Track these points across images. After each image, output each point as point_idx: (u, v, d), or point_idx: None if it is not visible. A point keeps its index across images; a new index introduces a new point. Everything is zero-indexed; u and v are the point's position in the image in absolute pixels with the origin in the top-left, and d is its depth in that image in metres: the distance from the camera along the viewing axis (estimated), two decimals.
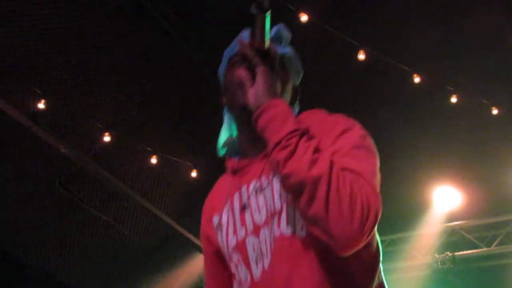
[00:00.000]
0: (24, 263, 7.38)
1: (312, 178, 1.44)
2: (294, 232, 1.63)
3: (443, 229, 8.01)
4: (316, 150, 1.50)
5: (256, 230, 1.71)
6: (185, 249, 8.03)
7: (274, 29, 1.86)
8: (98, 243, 7.69)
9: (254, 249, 1.71)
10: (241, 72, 1.69)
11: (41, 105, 5.97)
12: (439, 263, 7.77)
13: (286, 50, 1.87)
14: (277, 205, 1.68)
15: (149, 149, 6.97)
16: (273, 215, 1.69)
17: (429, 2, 5.64)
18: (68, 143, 6.36)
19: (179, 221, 7.65)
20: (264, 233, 1.69)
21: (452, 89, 6.26)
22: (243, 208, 1.76)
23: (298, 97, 1.93)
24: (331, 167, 1.46)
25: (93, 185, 7.06)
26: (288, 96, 1.87)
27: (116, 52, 6.04)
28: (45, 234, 7.31)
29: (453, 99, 6.26)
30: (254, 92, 1.63)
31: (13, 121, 5.91)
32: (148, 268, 8.07)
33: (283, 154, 1.50)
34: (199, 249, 7.97)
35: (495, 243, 7.72)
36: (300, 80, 1.96)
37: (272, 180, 1.71)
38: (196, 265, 8.27)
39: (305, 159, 1.47)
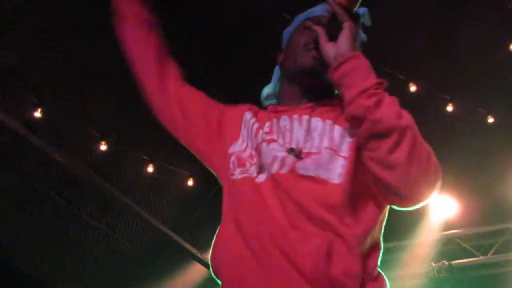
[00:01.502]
0: (19, 271, 7.35)
1: (402, 126, 1.55)
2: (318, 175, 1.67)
3: (439, 238, 7.99)
4: (399, 104, 1.62)
5: (289, 143, 1.76)
6: (181, 258, 8.01)
7: (362, 10, 1.91)
8: (93, 251, 7.67)
9: (274, 154, 1.74)
10: (318, 28, 1.76)
11: (37, 114, 5.97)
12: (435, 271, 7.75)
13: (361, 10, 1.89)
14: (321, 143, 1.72)
15: (145, 157, 6.97)
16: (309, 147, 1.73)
17: (424, 11, 5.66)
18: (64, 152, 6.35)
19: (175, 229, 7.63)
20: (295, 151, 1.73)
21: (448, 97, 6.27)
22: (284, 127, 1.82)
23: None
24: (414, 122, 1.59)
25: (89, 194, 7.04)
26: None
27: (112, 60, 6.04)
28: (41, 242, 7.29)
29: (449, 108, 6.28)
30: (338, 45, 1.69)
31: (9, 129, 5.91)
32: (143, 277, 8.04)
33: (373, 100, 1.57)
34: (194, 258, 7.96)
35: (491, 252, 7.71)
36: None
37: (328, 122, 1.77)
38: (191, 274, 8.24)
39: (394, 109, 1.59)
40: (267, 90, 2.03)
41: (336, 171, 1.66)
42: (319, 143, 1.71)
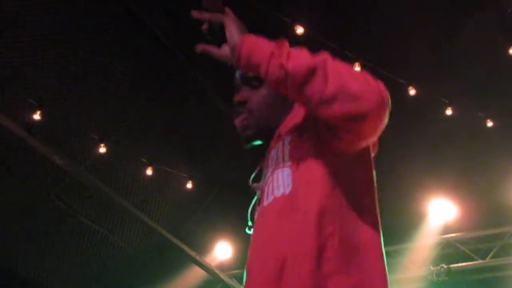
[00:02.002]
0: (17, 274, 7.35)
1: (319, 60, 1.56)
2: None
3: (438, 242, 7.99)
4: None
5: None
6: (180, 260, 8.00)
7: None
8: (92, 254, 7.66)
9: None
10: (201, 46, 1.80)
11: (36, 116, 5.97)
12: (434, 275, 7.75)
13: None
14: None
15: (144, 160, 6.97)
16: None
17: (424, 15, 5.67)
18: (63, 154, 6.34)
19: (174, 232, 7.63)
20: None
21: (447, 101, 6.28)
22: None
23: None
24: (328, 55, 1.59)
25: (88, 196, 7.04)
26: (281, 104, 1.98)
27: (112, 64, 6.05)
28: (39, 244, 7.29)
29: (448, 112, 6.28)
30: (228, 41, 1.71)
31: (8, 132, 5.90)
32: (142, 279, 8.03)
33: (283, 58, 1.59)
34: (193, 261, 7.95)
35: (490, 256, 7.70)
36: None
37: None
38: (190, 276, 8.24)
39: (305, 53, 1.60)
40: None
41: (285, 183, 1.71)
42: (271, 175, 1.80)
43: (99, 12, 5.63)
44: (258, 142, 1.99)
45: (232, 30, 1.71)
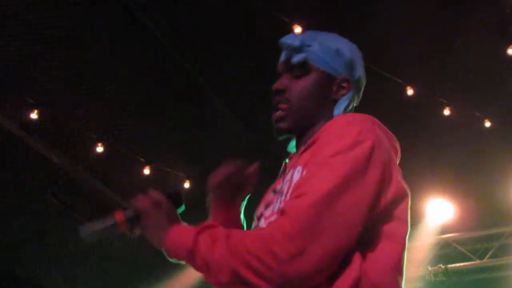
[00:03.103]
0: (15, 274, 7.34)
1: (188, 252, 1.56)
2: None
3: (436, 242, 8.00)
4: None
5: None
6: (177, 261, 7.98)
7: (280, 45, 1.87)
8: (89, 254, 7.65)
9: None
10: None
11: (33, 115, 5.96)
12: (431, 275, 7.76)
13: (298, 57, 1.83)
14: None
15: (142, 159, 6.96)
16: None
17: (422, 15, 5.66)
18: (60, 153, 6.34)
19: None
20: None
21: (445, 101, 6.27)
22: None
23: (350, 85, 1.88)
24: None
25: (85, 196, 7.03)
26: (321, 96, 1.83)
27: (110, 62, 6.04)
28: (36, 244, 7.28)
29: (446, 112, 6.28)
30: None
31: (5, 131, 5.90)
32: (140, 278, 8.03)
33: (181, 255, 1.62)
34: None
35: (488, 256, 7.71)
36: (350, 67, 1.91)
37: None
38: (189, 275, 8.23)
39: (185, 247, 1.58)
40: None
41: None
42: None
43: (97, 12, 5.62)
44: (290, 137, 1.87)
45: (148, 236, 1.76)
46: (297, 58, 1.82)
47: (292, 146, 1.89)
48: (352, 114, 1.74)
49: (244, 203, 2.04)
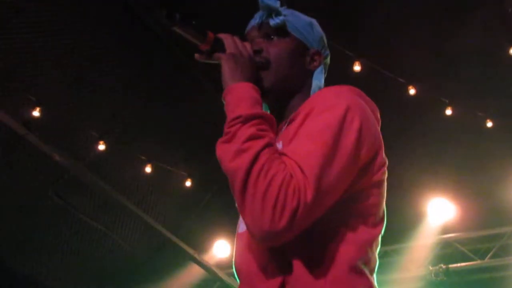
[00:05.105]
0: (16, 270, 7.35)
1: (231, 170, 1.46)
2: None
3: (437, 241, 7.99)
4: (253, 137, 1.48)
5: None
6: (178, 259, 8.00)
7: (260, 5, 1.86)
8: (91, 251, 7.66)
9: None
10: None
11: (36, 113, 5.97)
12: (432, 275, 7.74)
13: (277, 20, 1.83)
14: None
15: (143, 158, 6.96)
16: None
17: (425, 15, 5.67)
18: (62, 151, 6.34)
19: (173, 230, 7.63)
20: None
21: (447, 101, 6.27)
22: None
23: (321, 58, 1.89)
24: (256, 157, 1.44)
25: (87, 194, 7.04)
26: (300, 61, 1.84)
27: (112, 61, 6.04)
28: (38, 242, 7.28)
29: (448, 111, 6.28)
30: (222, 79, 1.68)
31: (7, 128, 5.90)
32: (141, 277, 8.03)
33: (220, 139, 1.53)
34: (192, 259, 7.95)
35: (489, 256, 7.70)
36: (321, 42, 1.92)
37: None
38: (188, 274, 8.23)
39: (232, 148, 1.48)
40: None
41: None
42: None
43: (99, 11, 5.63)
44: (267, 104, 1.83)
45: (223, 73, 1.68)
46: (275, 21, 1.83)
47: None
48: (338, 87, 1.72)
49: None
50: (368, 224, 1.63)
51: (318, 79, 1.86)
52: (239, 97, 1.60)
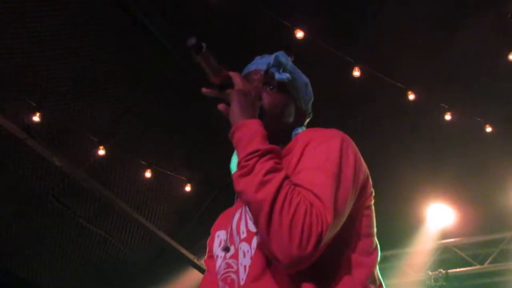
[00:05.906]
0: (16, 275, 7.34)
1: (256, 201, 1.53)
2: None
3: (436, 247, 8.00)
4: (273, 170, 1.57)
5: (249, 237, 1.80)
6: (178, 264, 8.00)
7: (272, 56, 1.96)
8: (90, 256, 7.66)
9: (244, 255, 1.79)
10: (220, 106, 1.82)
11: (36, 118, 5.97)
12: (432, 280, 7.76)
13: (283, 76, 1.94)
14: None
15: (143, 162, 6.96)
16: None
17: (423, 21, 5.68)
18: (62, 156, 6.35)
19: (172, 235, 7.63)
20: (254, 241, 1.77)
21: (446, 106, 6.28)
22: (239, 220, 1.88)
23: (305, 119, 2.06)
24: (279, 189, 1.53)
25: (86, 198, 7.04)
26: (289, 117, 1.97)
27: (112, 66, 6.05)
28: (38, 246, 7.28)
29: (447, 117, 6.29)
30: (230, 113, 1.74)
31: (8, 133, 5.91)
32: (140, 282, 8.03)
33: (237, 173, 1.61)
34: (191, 264, 7.95)
35: (488, 261, 7.71)
36: (309, 104, 2.09)
37: None
38: (188, 279, 8.23)
39: (254, 181, 1.55)
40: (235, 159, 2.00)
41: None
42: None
43: (98, 14, 5.64)
44: None
45: (232, 108, 1.74)
46: (282, 76, 1.94)
47: (233, 164, 1.90)
48: (322, 128, 1.85)
49: None
50: (370, 245, 1.76)
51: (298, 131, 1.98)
52: (253, 132, 1.68)
